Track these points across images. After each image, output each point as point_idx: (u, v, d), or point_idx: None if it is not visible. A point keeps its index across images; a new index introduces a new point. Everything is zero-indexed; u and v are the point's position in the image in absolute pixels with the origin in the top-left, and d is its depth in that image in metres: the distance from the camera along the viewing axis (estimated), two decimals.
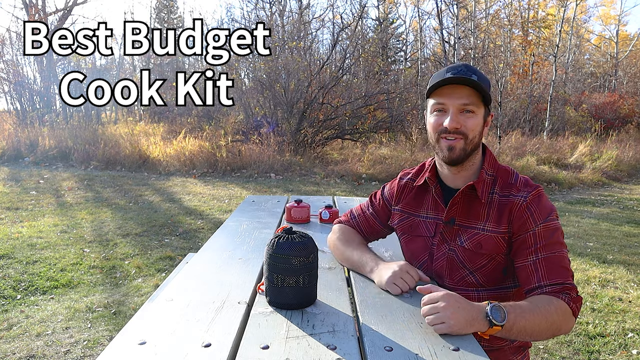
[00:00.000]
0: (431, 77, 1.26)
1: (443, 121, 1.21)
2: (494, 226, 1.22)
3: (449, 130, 1.20)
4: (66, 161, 9.32)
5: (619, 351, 2.55)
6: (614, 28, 23.61)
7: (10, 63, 13.33)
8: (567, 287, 1.12)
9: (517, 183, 1.24)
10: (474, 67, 1.23)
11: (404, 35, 22.80)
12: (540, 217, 1.18)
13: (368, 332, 0.97)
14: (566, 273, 1.15)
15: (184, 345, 0.89)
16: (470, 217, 1.26)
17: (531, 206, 1.19)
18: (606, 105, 15.64)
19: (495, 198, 1.24)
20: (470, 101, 1.19)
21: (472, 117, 1.20)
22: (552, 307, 1.08)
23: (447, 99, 1.20)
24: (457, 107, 1.19)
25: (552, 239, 1.17)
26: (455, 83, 1.18)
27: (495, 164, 1.29)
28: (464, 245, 1.26)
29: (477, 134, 1.22)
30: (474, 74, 1.18)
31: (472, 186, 1.24)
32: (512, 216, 1.20)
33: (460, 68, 1.19)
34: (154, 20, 26.97)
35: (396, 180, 1.47)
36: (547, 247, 1.17)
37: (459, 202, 1.27)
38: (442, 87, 1.20)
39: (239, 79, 12.81)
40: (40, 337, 2.58)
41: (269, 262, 1.07)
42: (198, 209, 5.67)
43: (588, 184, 8.21)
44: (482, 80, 1.19)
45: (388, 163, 8.59)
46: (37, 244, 4.16)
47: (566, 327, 1.11)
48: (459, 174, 1.28)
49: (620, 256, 4.18)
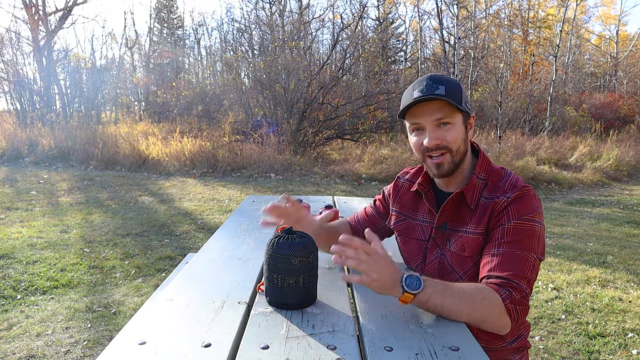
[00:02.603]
0: (402, 96, 1.25)
1: (422, 140, 1.21)
2: (473, 228, 1.22)
3: (430, 148, 1.20)
4: (66, 161, 9.32)
5: (619, 351, 2.55)
6: (614, 28, 23.64)
7: (10, 63, 13.34)
8: (511, 285, 1.08)
9: (505, 185, 1.22)
10: (441, 75, 1.21)
11: (404, 35, 22.82)
12: (515, 215, 1.15)
13: (368, 332, 0.97)
14: (518, 273, 1.09)
15: (184, 345, 0.89)
16: (459, 221, 1.26)
17: (510, 205, 1.17)
18: (606, 105, 15.64)
19: (482, 202, 1.23)
20: (443, 114, 1.17)
21: (451, 128, 1.19)
22: (480, 295, 1.05)
23: (420, 118, 1.20)
24: (432, 124, 1.18)
25: (519, 238, 1.13)
26: (423, 101, 1.16)
27: (489, 167, 1.27)
28: (451, 249, 1.26)
29: (461, 143, 1.21)
30: (441, 85, 1.16)
31: (461, 193, 1.24)
32: (492, 215, 1.19)
33: (426, 83, 1.17)
34: (154, 20, 26.98)
35: (395, 179, 1.49)
36: (512, 244, 1.13)
37: (449, 208, 1.27)
38: (413, 106, 1.19)
39: (239, 79, 12.81)
40: (40, 337, 2.58)
41: (269, 262, 1.07)
42: (198, 209, 5.67)
43: (588, 184, 8.21)
44: (450, 88, 1.16)
45: (388, 163, 8.59)
46: (37, 244, 4.16)
47: (495, 323, 1.07)
48: (450, 182, 1.29)
49: (620, 256, 4.18)
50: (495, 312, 1.06)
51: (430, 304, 1.04)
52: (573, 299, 3.23)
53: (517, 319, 1.08)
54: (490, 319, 1.06)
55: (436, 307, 1.04)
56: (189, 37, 28.94)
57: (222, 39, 23.31)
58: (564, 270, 3.80)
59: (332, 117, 10.46)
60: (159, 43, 26.62)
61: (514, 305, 1.06)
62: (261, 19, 19.05)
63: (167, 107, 15.36)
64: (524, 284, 1.09)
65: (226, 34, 24.49)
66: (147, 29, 40.09)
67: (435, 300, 1.03)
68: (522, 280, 1.09)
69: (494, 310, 1.05)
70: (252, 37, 17.02)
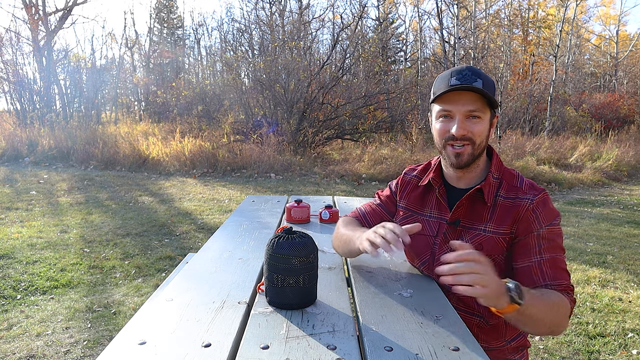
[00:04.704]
0: (435, 79, 1.25)
1: (449, 128, 1.20)
2: (495, 227, 1.23)
3: (456, 137, 1.20)
4: (66, 161, 9.32)
5: (619, 351, 2.55)
6: (614, 28, 23.62)
7: (10, 63, 13.33)
8: (570, 289, 1.15)
9: (523, 186, 1.25)
10: (478, 68, 1.21)
11: (404, 35, 22.82)
12: (545, 220, 1.19)
13: (368, 332, 0.97)
14: (568, 276, 1.17)
15: (184, 345, 0.89)
16: (473, 218, 1.26)
17: (537, 209, 1.20)
18: (606, 105, 15.64)
19: (499, 201, 1.24)
20: (476, 107, 1.18)
21: (479, 122, 1.20)
22: (561, 301, 1.09)
23: (453, 106, 1.19)
24: (463, 114, 1.18)
25: (555, 243, 1.19)
26: (460, 90, 1.16)
27: (502, 167, 1.30)
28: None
29: (484, 139, 1.22)
30: (479, 78, 1.16)
31: (479, 189, 1.25)
32: (519, 218, 1.20)
33: (465, 72, 1.17)
34: (154, 20, 26.99)
35: (401, 175, 1.48)
36: (551, 250, 1.18)
37: (464, 204, 1.27)
38: (447, 93, 1.19)
39: (239, 79, 12.82)
40: (40, 337, 2.58)
41: (269, 262, 1.07)
42: (198, 209, 5.67)
43: (588, 184, 8.21)
44: (487, 83, 1.17)
45: (388, 163, 8.59)
46: (37, 244, 4.16)
47: (562, 326, 1.11)
48: (463, 176, 1.29)
49: (620, 256, 4.18)
50: (566, 317, 1.11)
51: (527, 314, 1.01)
52: None
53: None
54: (563, 323, 1.11)
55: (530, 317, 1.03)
56: (189, 37, 28.97)
57: (222, 39, 23.34)
58: None
59: (332, 117, 10.46)
60: (159, 43, 26.62)
61: (572, 306, 1.13)
62: (261, 19, 19.06)
63: (167, 107, 15.36)
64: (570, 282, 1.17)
65: (226, 34, 24.51)
66: (147, 29, 40.12)
67: (532, 310, 1.02)
68: (570, 281, 1.17)
69: (566, 315, 1.10)
70: (252, 37, 17.04)
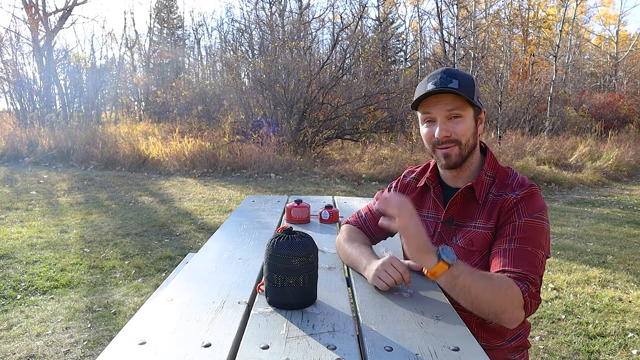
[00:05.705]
0: (416, 87, 1.28)
1: (434, 132, 1.23)
2: (483, 222, 1.24)
3: (440, 140, 1.22)
4: (66, 161, 9.32)
5: (619, 351, 2.55)
6: (614, 28, 23.62)
7: (10, 63, 13.33)
8: (528, 279, 1.09)
9: (513, 183, 1.25)
10: (456, 69, 1.24)
11: (404, 35, 22.82)
12: (525, 212, 1.18)
13: (368, 332, 0.97)
14: (532, 269, 1.12)
15: (184, 345, 0.89)
16: (466, 216, 1.28)
17: (520, 202, 1.20)
18: (606, 105, 15.64)
19: (491, 198, 1.25)
20: (455, 106, 1.20)
21: (461, 121, 1.21)
22: (504, 285, 1.06)
23: (432, 109, 1.23)
24: (443, 115, 1.21)
25: (530, 235, 1.16)
26: (436, 94, 1.20)
27: (496, 165, 1.30)
28: (458, 244, 1.28)
29: (470, 137, 1.24)
30: (454, 79, 1.19)
31: (470, 187, 1.26)
32: (501, 211, 1.22)
33: (440, 76, 1.20)
34: (154, 20, 26.99)
35: (400, 178, 1.50)
36: (523, 241, 1.15)
37: (457, 202, 1.29)
38: (426, 98, 1.22)
39: (239, 79, 12.81)
40: (40, 337, 2.58)
41: (269, 262, 1.07)
42: (198, 209, 5.67)
43: (588, 184, 8.21)
44: (463, 83, 1.19)
45: (388, 163, 8.59)
46: (37, 244, 4.16)
47: (511, 315, 1.07)
48: (458, 175, 1.31)
49: (620, 256, 4.18)
50: (515, 304, 1.07)
51: (460, 282, 1.02)
52: (573, 299, 3.23)
53: (530, 312, 1.10)
54: (510, 309, 1.07)
55: (464, 287, 1.03)
56: (189, 37, 28.97)
57: (222, 39, 23.30)
58: (564, 270, 3.80)
59: (332, 117, 10.45)
60: (159, 43, 26.62)
61: (530, 299, 1.08)
62: (261, 19, 19.05)
63: (167, 107, 15.35)
64: (536, 277, 1.12)
65: (226, 34, 24.47)
66: (147, 29, 40.09)
67: (465, 280, 1.02)
68: (535, 275, 1.12)
69: (514, 301, 1.06)
70: (252, 37, 17.03)
